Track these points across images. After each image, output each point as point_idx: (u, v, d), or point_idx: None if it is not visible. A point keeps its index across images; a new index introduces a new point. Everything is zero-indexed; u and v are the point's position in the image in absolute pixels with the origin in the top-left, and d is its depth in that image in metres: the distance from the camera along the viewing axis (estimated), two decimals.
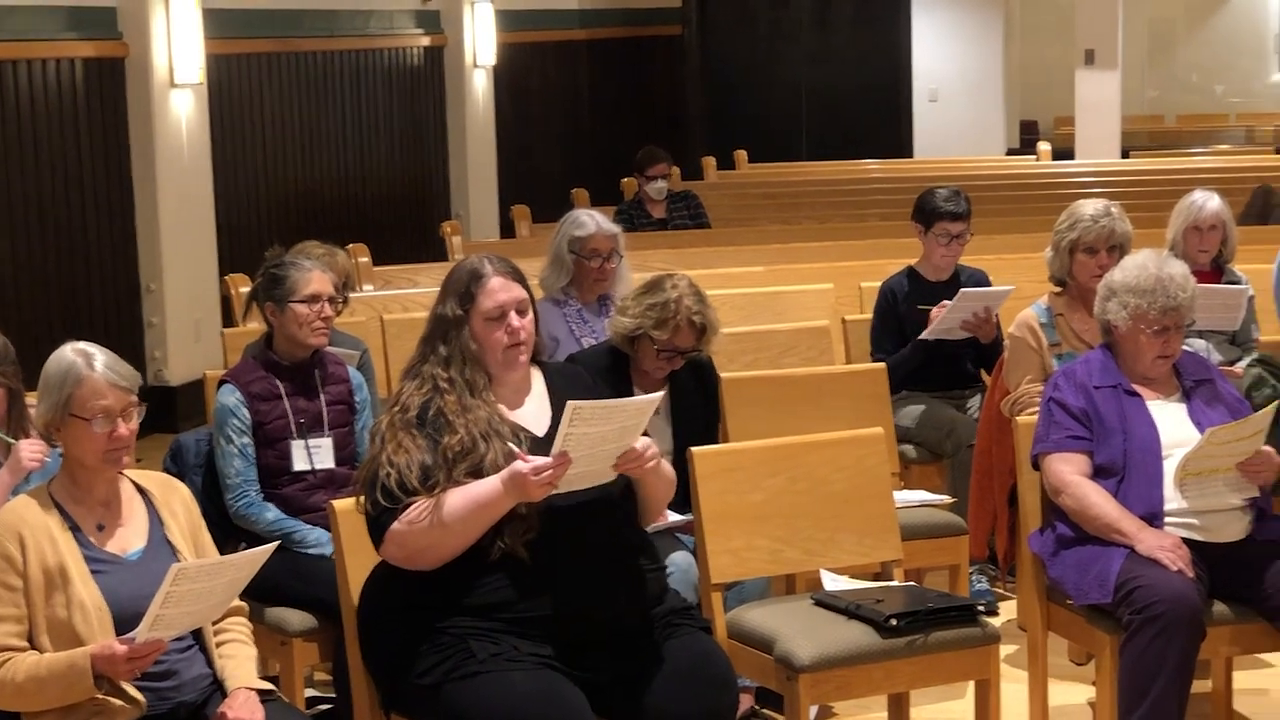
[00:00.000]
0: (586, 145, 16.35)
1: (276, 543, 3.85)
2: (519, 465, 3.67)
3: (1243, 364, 6.03)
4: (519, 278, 3.98)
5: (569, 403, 3.62)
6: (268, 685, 3.84)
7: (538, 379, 4.04)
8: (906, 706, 4.65)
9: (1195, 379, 4.83)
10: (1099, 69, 14.64)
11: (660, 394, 3.95)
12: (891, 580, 4.69)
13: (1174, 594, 4.34)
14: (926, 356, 6.52)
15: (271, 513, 4.95)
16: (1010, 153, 16.88)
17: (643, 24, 17.50)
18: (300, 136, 12.03)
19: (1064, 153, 14.92)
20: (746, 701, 5.06)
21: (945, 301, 6.44)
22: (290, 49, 11.83)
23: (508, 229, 12.05)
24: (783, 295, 7.64)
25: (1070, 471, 4.66)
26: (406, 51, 13.55)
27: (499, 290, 3.92)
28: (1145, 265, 4.79)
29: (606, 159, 14.75)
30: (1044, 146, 14.37)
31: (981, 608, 4.49)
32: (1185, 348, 5.17)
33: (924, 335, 6.48)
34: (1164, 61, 21.66)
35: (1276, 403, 4.68)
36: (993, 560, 6.06)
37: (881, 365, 6.09)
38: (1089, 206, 5.81)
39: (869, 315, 6.83)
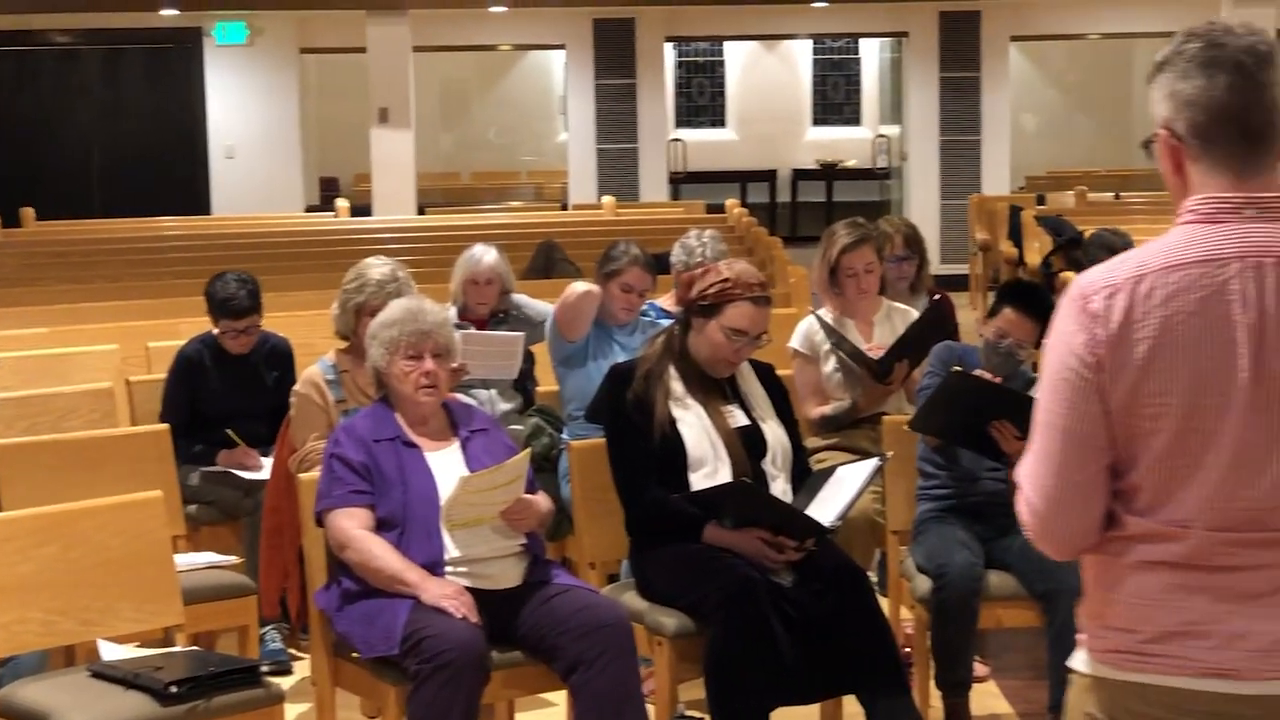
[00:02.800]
0: None
1: None
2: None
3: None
4: None
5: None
6: None
7: None
8: None
9: (472, 429, 4.95)
10: (393, 127, 14.93)
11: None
12: (175, 646, 4.58)
13: (460, 641, 4.42)
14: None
15: None
16: (310, 209, 16.94)
17: None
18: None
19: (363, 209, 15.11)
20: None
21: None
22: None
23: None
24: (67, 357, 7.37)
25: (353, 526, 4.67)
26: None
27: None
28: (396, 304, 4.98)
29: None
30: (342, 203, 14.51)
31: (269, 668, 4.45)
32: (462, 397, 5.30)
33: None
34: (460, 120, 22.32)
35: (528, 451, 4.86)
36: (287, 618, 6.01)
37: (165, 426, 5.96)
38: (376, 270, 5.87)
39: (158, 375, 6.67)
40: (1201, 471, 2.45)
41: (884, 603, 5.70)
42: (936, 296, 6.80)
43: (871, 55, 21.77)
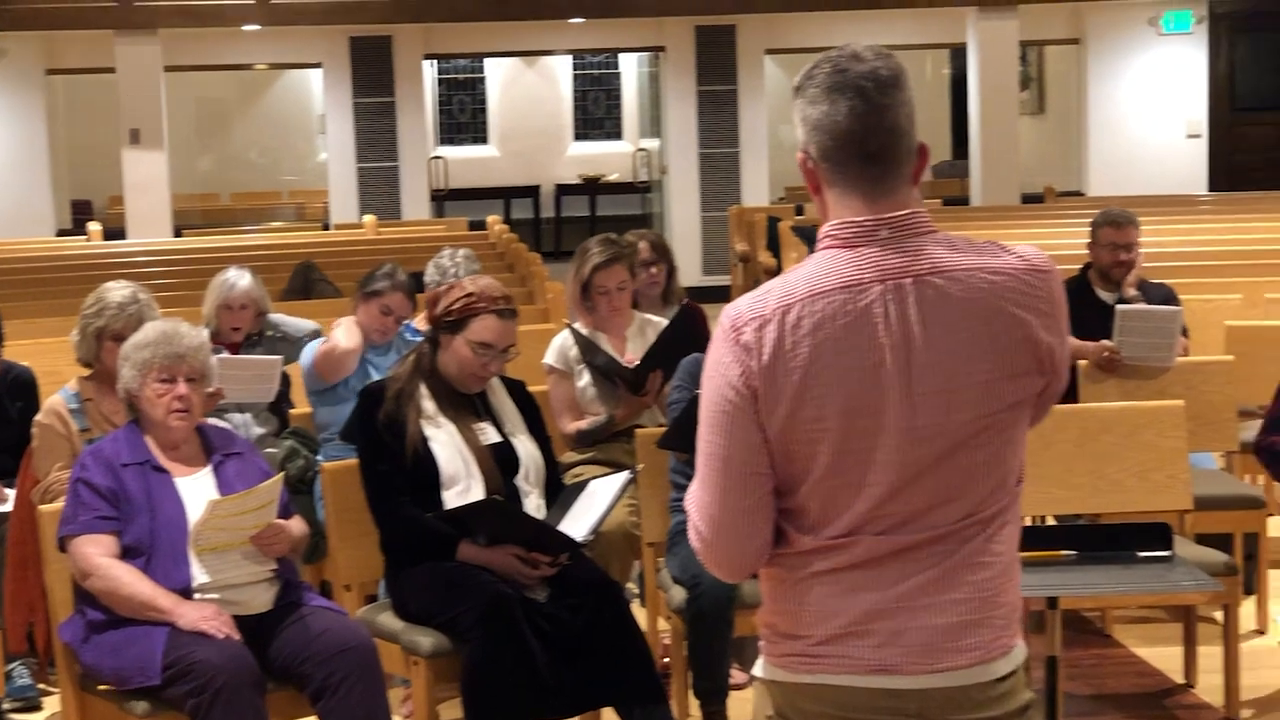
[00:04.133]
0: None
1: None
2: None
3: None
4: None
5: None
6: None
7: None
8: None
9: (225, 452, 4.88)
10: (145, 148, 14.66)
11: None
12: None
13: (229, 662, 4.36)
14: None
15: None
16: (62, 233, 16.55)
17: None
18: None
19: (117, 232, 14.80)
20: None
21: None
22: None
23: None
24: None
25: (98, 553, 4.58)
26: None
27: None
28: (151, 326, 4.91)
29: None
30: (95, 226, 14.21)
31: (16, 705, 4.33)
32: (216, 421, 5.23)
33: None
34: (219, 140, 21.99)
35: (281, 475, 4.81)
36: (35, 653, 5.87)
37: None
38: (116, 293, 5.76)
39: None
40: (863, 489, 2.54)
41: (642, 614, 5.77)
42: (685, 304, 6.89)
43: (631, 70, 21.94)
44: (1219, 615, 5.70)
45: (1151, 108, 16.73)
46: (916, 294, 2.52)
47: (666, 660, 5.71)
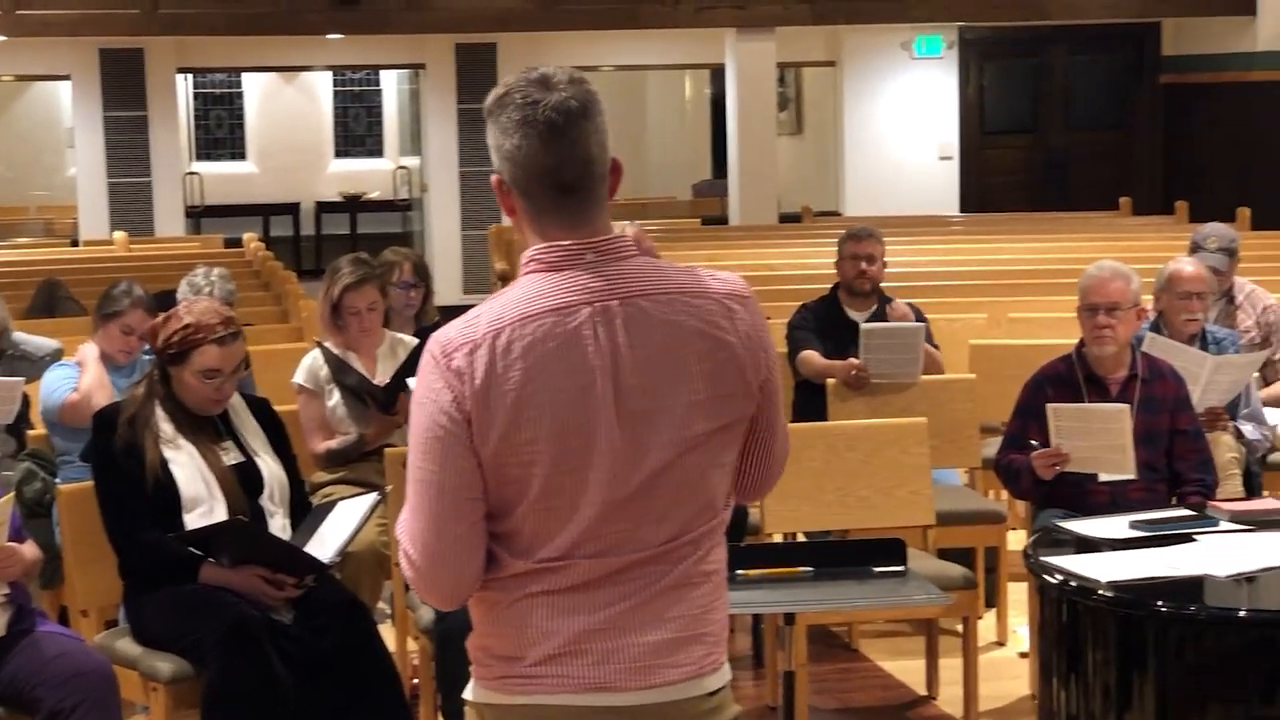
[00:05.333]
0: None
1: None
2: None
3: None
4: None
5: None
6: None
7: None
8: None
9: None
10: None
11: None
12: None
13: None
14: None
15: None
16: None
17: None
18: None
19: None
20: None
21: None
22: None
23: None
24: None
25: None
26: None
27: None
28: None
29: None
30: None
31: None
32: None
33: None
34: None
35: (11, 496, 4.69)
36: None
37: None
38: None
39: None
40: (578, 510, 2.56)
41: (393, 634, 5.72)
42: (437, 323, 6.86)
43: (392, 87, 21.80)
44: (961, 628, 5.82)
45: (905, 130, 17.08)
46: (624, 316, 2.55)
47: (415, 681, 5.67)
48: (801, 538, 6.01)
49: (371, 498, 5.06)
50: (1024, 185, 17.25)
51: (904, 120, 17.08)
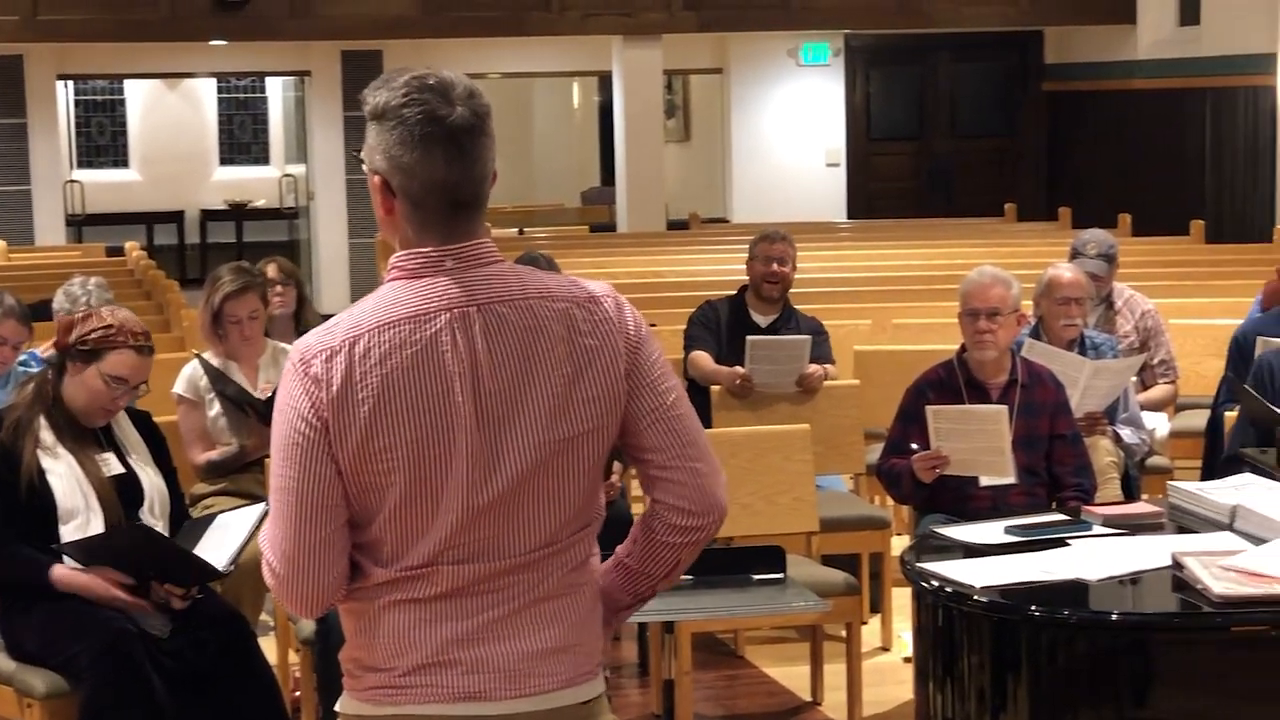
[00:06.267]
0: None
1: None
2: None
3: None
4: None
5: None
6: None
7: None
8: None
9: None
10: None
11: None
12: None
13: None
14: None
15: None
16: None
17: None
18: None
19: None
20: None
21: None
22: None
23: None
24: None
25: None
26: None
27: None
28: None
29: None
30: None
31: None
32: None
33: None
34: None
35: None
36: None
37: None
38: None
39: None
40: (439, 517, 2.55)
41: (272, 647, 5.68)
42: None
43: (277, 94, 21.61)
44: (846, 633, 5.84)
45: (792, 137, 17.17)
46: (482, 321, 2.55)
47: (298, 693, 5.62)
48: None
49: (259, 508, 5.02)
50: (910, 192, 17.39)
51: (791, 127, 17.17)
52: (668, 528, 2.66)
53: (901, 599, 6.53)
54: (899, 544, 6.70)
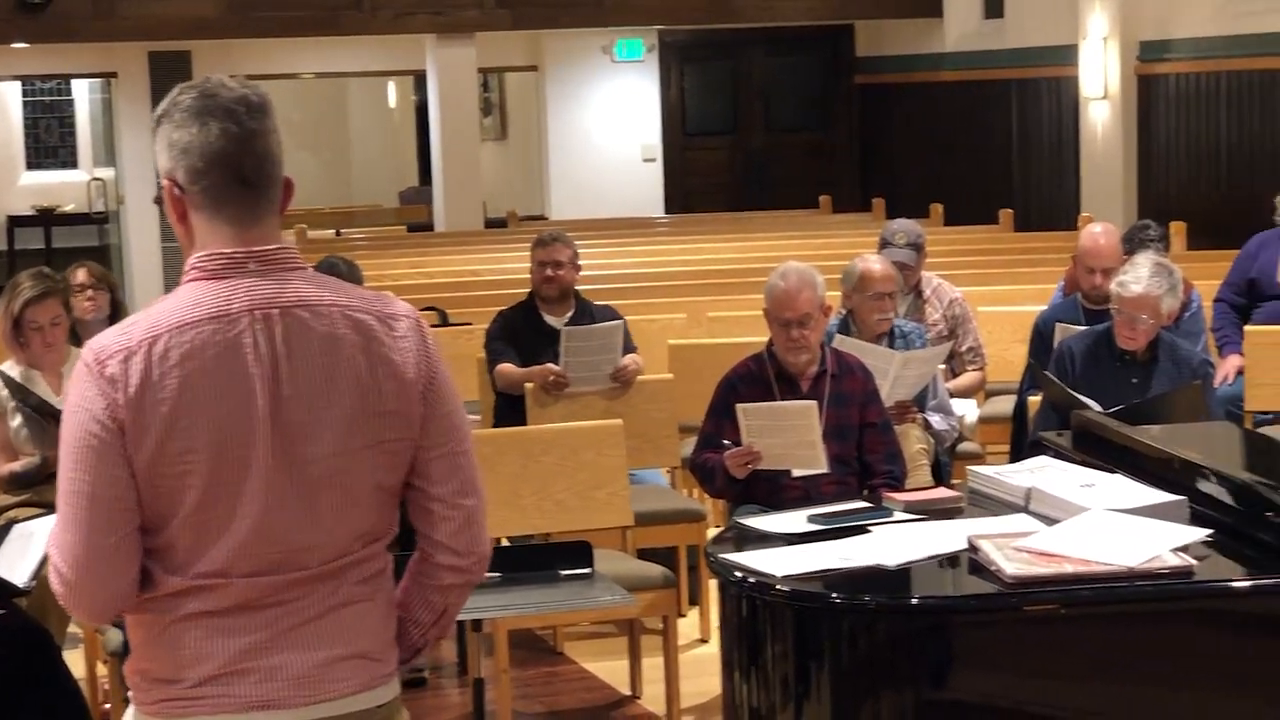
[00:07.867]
0: None
1: None
2: None
3: None
4: None
5: None
6: None
7: None
8: None
9: None
10: None
11: None
12: None
13: None
14: None
15: None
16: None
17: None
18: None
19: None
20: None
21: None
22: None
23: None
24: None
25: None
26: None
27: None
28: None
29: None
30: None
31: None
32: None
33: None
34: None
35: None
36: None
37: None
38: None
39: None
40: (234, 523, 2.52)
41: (80, 660, 5.59)
42: None
43: (84, 97, 21.19)
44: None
45: (609, 133, 17.19)
46: (283, 325, 2.53)
47: (107, 706, 5.53)
48: (505, 543, 6.01)
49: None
50: (726, 186, 17.50)
51: (608, 123, 17.19)
52: (436, 568, 2.68)
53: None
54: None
